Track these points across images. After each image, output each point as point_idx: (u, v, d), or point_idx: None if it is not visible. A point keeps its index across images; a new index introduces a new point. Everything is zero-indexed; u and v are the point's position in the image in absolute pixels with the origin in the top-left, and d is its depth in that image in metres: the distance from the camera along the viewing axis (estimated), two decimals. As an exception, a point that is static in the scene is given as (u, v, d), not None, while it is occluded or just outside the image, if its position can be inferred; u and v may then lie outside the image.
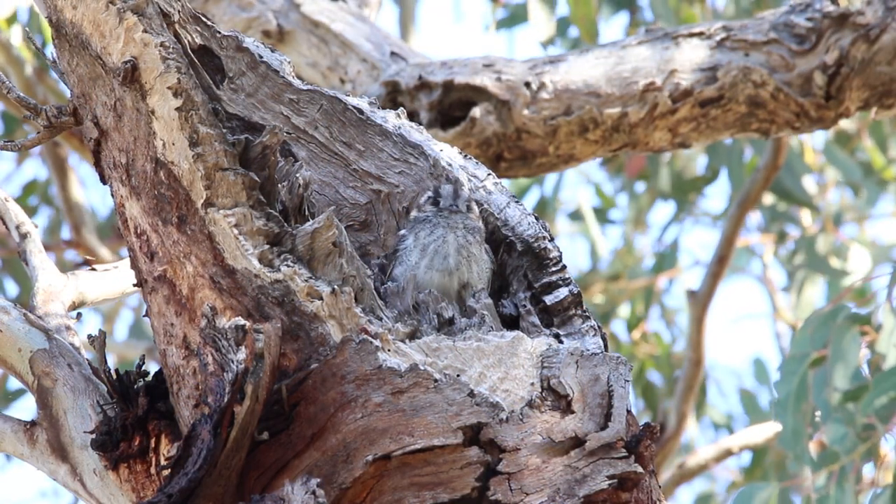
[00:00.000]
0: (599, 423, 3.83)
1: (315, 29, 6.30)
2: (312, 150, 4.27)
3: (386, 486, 3.74)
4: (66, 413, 4.17)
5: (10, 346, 4.27)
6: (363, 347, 3.80)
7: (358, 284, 3.91)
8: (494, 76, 6.00)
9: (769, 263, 9.94)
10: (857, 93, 5.81)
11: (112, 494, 4.07)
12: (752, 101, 5.87)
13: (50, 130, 4.17)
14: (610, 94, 5.95)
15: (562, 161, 6.03)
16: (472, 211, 4.19)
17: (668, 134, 5.95)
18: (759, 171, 8.18)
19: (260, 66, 4.22)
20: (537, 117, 5.97)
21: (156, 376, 4.05)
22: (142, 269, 4.00)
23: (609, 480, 3.78)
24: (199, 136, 3.89)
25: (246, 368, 3.67)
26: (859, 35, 5.77)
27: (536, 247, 4.16)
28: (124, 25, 3.92)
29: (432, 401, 3.76)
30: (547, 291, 4.13)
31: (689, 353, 8.72)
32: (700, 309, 8.62)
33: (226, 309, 3.84)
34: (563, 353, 3.90)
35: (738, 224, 8.37)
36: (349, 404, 3.77)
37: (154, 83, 3.91)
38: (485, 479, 3.74)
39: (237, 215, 3.87)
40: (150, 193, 3.94)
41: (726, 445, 8.98)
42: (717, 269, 8.53)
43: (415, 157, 4.27)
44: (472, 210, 4.19)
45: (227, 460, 3.69)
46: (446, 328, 3.97)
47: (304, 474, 3.73)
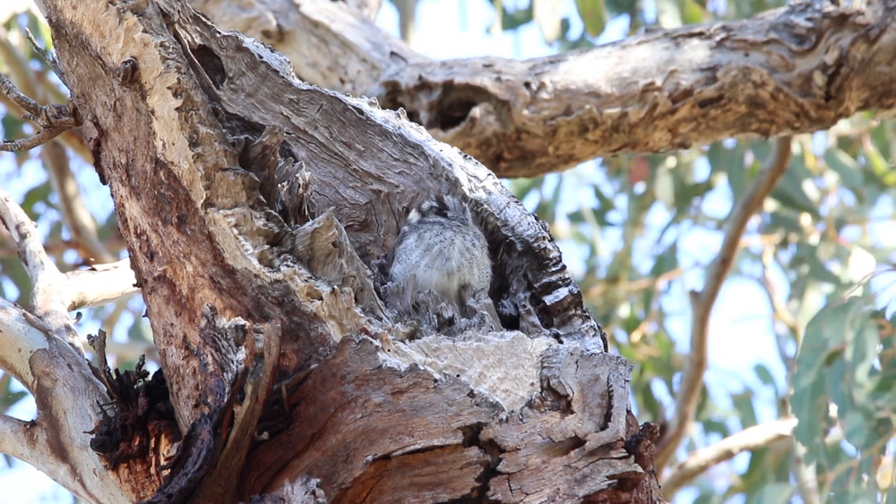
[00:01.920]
0: (599, 423, 3.83)
1: (315, 29, 6.30)
2: (312, 150, 4.27)
3: (386, 486, 3.74)
4: (66, 413, 4.17)
5: (10, 346, 4.27)
6: (363, 347, 3.80)
7: (358, 284, 3.91)
8: (494, 76, 6.00)
9: (769, 265, 9.94)
10: (857, 93, 5.81)
11: (112, 494, 4.07)
12: (752, 102, 5.87)
13: (50, 130, 4.17)
14: (610, 94, 5.95)
15: (561, 161, 6.03)
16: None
17: (668, 134, 5.95)
18: (764, 173, 8.18)
19: (260, 66, 4.22)
20: (537, 117, 5.97)
21: (156, 376, 4.05)
22: (142, 269, 4.00)
23: (609, 480, 3.78)
24: (199, 136, 3.89)
25: (246, 368, 3.66)
26: (859, 35, 5.77)
27: (536, 247, 4.16)
28: (124, 25, 3.92)
29: (432, 401, 3.76)
30: (547, 291, 4.13)
31: (691, 354, 8.72)
32: (703, 310, 8.62)
33: (226, 309, 3.84)
34: (562, 353, 3.90)
35: (741, 226, 8.37)
36: (349, 404, 3.77)
37: (154, 83, 3.91)
38: (485, 479, 3.74)
39: (237, 215, 3.87)
40: (149, 193, 3.94)
41: (726, 446, 8.98)
42: (719, 271, 8.53)
43: (415, 158, 4.28)
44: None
45: (227, 460, 3.69)
46: (446, 328, 3.97)
47: (304, 474, 3.73)
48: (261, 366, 3.68)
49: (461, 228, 4.15)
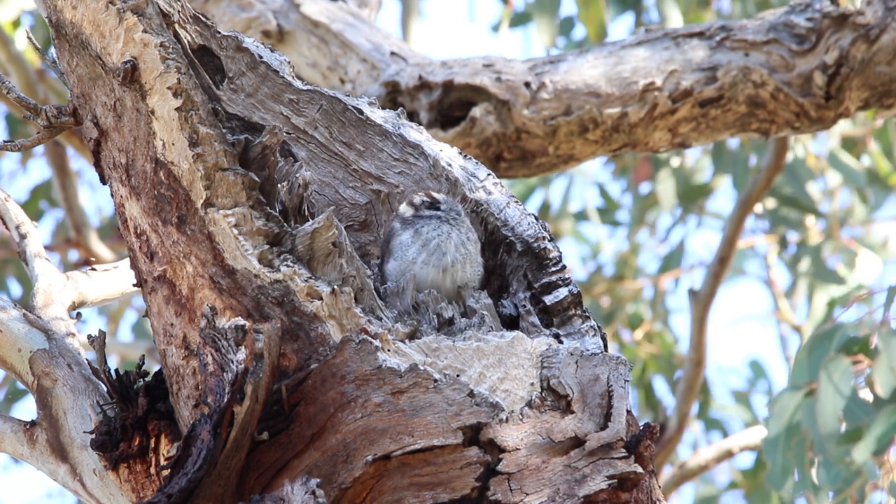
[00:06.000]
0: (599, 423, 3.83)
1: (315, 29, 6.30)
2: (312, 150, 4.27)
3: (386, 486, 3.74)
4: (66, 413, 4.17)
5: (10, 346, 4.28)
6: (363, 347, 3.80)
7: (358, 284, 3.91)
8: (494, 76, 6.00)
9: (773, 265, 9.94)
10: (857, 93, 5.81)
11: (112, 494, 4.07)
12: (752, 101, 5.87)
13: (50, 130, 4.18)
14: (610, 94, 5.95)
15: (562, 161, 6.03)
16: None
17: (668, 134, 5.95)
18: (761, 172, 8.18)
19: (260, 66, 4.22)
20: (537, 117, 5.97)
21: (156, 376, 4.06)
22: (142, 269, 4.00)
23: (609, 480, 3.78)
24: (199, 136, 3.89)
25: (246, 368, 3.67)
26: (859, 35, 5.76)
27: (536, 247, 4.16)
28: (124, 25, 3.92)
29: (432, 401, 3.76)
30: (547, 291, 4.13)
31: (691, 354, 8.72)
32: (701, 309, 8.62)
33: (225, 309, 3.85)
34: (562, 353, 3.91)
35: (739, 225, 8.37)
36: (349, 404, 3.77)
37: (154, 83, 3.91)
38: (485, 479, 3.74)
39: (237, 215, 3.87)
40: (149, 193, 3.94)
41: (727, 446, 8.98)
42: (718, 270, 8.53)
43: (414, 157, 4.28)
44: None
45: (227, 460, 3.70)
46: (446, 328, 3.97)
47: (304, 474, 3.73)
48: (261, 366, 3.68)
49: (457, 220, 4.15)
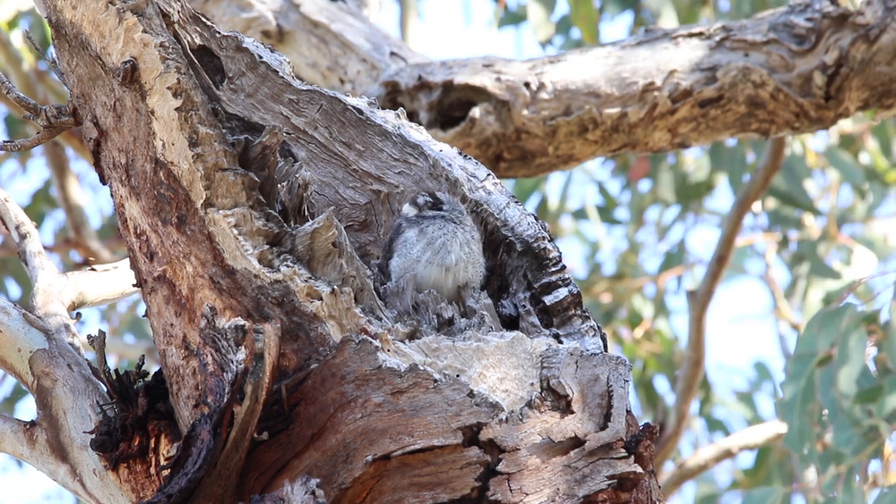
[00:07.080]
0: (599, 423, 3.83)
1: (315, 29, 6.30)
2: (312, 150, 4.27)
3: (386, 486, 3.74)
4: (66, 413, 4.17)
5: (10, 346, 4.28)
6: (363, 347, 3.80)
7: (358, 284, 3.91)
8: (494, 76, 6.00)
9: (772, 263, 9.94)
10: (857, 93, 5.81)
11: (112, 494, 4.07)
12: (752, 102, 5.87)
13: (50, 130, 4.17)
14: (609, 94, 5.95)
15: (561, 161, 6.03)
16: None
17: (668, 134, 5.95)
18: (759, 171, 8.18)
19: (259, 66, 4.22)
20: (537, 117, 5.97)
21: (156, 376, 4.06)
22: (141, 270, 4.00)
23: (608, 481, 3.78)
24: (199, 136, 3.89)
25: (246, 368, 3.67)
26: (859, 35, 5.77)
27: (536, 247, 4.16)
28: (124, 25, 3.92)
29: (432, 401, 3.77)
30: (546, 292, 4.13)
31: (689, 353, 8.72)
32: (699, 308, 8.62)
33: (225, 309, 3.85)
34: (562, 353, 3.91)
35: (737, 224, 8.36)
36: (349, 404, 3.77)
37: (154, 83, 3.91)
38: (484, 479, 3.74)
39: (237, 215, 3.88)
40: (149, 193, 3.94)
41: (726, 446, 8.98)
42: (716, 269, 8.53)
43: (414, 158, 4.28)
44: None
45: (227, 460, 3.70)
46: (446, 328, 3.97)
47: (304, 474, 3.73)
48: (261, 366, 3.68)
49: (461, 219, 4.15)
